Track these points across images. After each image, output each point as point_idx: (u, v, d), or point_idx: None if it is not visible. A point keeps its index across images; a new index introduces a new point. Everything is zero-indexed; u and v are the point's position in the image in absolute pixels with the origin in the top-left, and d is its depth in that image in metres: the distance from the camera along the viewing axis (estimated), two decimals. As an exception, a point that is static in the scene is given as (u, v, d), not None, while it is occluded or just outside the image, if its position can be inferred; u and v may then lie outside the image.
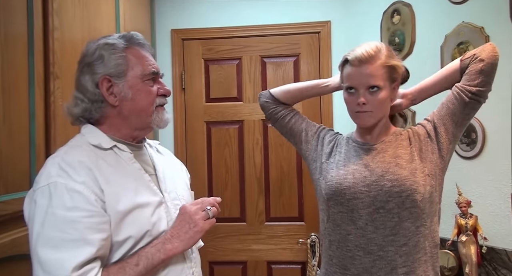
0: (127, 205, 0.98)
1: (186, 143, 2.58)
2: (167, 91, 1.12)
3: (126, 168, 1.05)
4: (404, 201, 1.14)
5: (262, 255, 2.49)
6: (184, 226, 1.01)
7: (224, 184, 2.54)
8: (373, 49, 1.18)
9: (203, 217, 1.02)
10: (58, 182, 0.92)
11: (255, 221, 2.52)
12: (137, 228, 0.98)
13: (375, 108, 1.20)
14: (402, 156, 1.21)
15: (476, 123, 1.76)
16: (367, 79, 1.18)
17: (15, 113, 1.26)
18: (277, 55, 2.56)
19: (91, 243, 0.90)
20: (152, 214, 1.02)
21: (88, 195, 0.93)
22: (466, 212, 1.72)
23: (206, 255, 2.51)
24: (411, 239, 1.15)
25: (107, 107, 1.06)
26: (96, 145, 1.03)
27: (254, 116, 2.55)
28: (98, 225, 0.92)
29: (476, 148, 1.78)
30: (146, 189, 1.05)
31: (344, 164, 1.26)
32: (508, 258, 1.60)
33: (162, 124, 1.11)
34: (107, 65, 1.04)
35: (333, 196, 1.22)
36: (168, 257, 0.99)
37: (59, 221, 0.89)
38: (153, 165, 1.14)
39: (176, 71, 2.59)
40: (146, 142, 1.20)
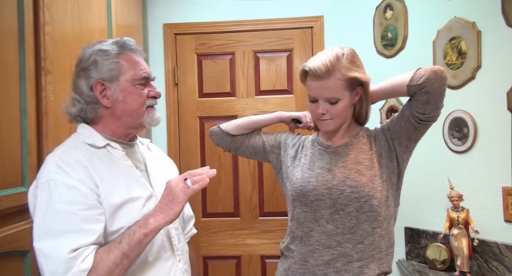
0: (120, 198, 1.06)
1: (179, 138, 2.57)
2: (157, 94, 1.20)
3: (119, 165, 1.13)
4: (362, 206, 1.22)
5: (256, 249, 2.51)
6: (165, 199, 1.05)
7: (218, 179, 2.54)
8: (330, 62, 1.19)
9: (183, 188, 1.04)
10: (57, 179, 1.01)
11: (249, 216, 2.52)
12: (129, 219, 1.06)
13: (335, 116, 1.25)
14: (363, 162, 1.26)
15: (468, 117, 1.78)
16: (325, 92, 1.21)
17: (6, 109, 1.25)
18: (270, 50, 2.56)
19: (88, 232, 0.99)
20: (143, 206, 1.10)
21: (84, 190, 1.02)
22: (458, 206, 1.74)
23: (200, 250, 2.51)
24: (367, 238, 1.24)
25: (101, 108, 1.15)
26: (90, 144, 1.12)
27: (248, 112, 2.54)
28: (94, 216, 1.01)
29: (467, 143, 1.79)
30: (137, 184, 1.14)
31: (309, 167, 1.31)
32: (499, 251, 1.62)
33: (153, 123, 1.19)
34: (100, 70, 1.13)
35: (298, 197, 1.29)
36: (151, 231, 1.02)
37: (59, 214, 0.98)
38: (144, 162, 1.23)
39: (168, 66, 2.57)
40: (138, 140, 1.28)
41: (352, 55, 1.24)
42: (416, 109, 1.19)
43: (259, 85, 2.56)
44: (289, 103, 2.54)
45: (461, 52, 1.81)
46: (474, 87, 1.78)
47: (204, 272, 2.52)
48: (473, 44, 1.76)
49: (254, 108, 2.54)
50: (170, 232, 1.17)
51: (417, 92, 1.17)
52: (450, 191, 1.77)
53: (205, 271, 2.52)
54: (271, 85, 2.55)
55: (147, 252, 1.09)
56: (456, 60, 1.84)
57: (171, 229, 1.17)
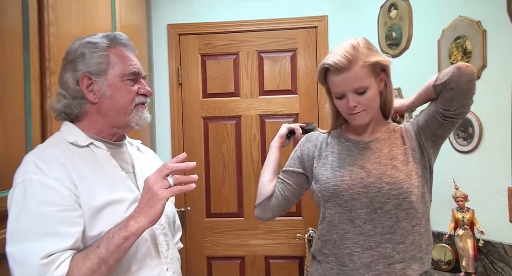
0: (101, 200, 0.99)
1: (183, 138, 2.57)
2: (147, 91, 1.13)
3: (102, 165, 1.06)
4: (401, 203, 1.17)
5: (260, 250, 2.50)
6: (144, 198, 0.96)
7: (222, 179, 2.54)
8: (349, 53, 1.16)
9: (163, 186, 0.95)
10: (33, 178, 0.94)
11: (253, 217, 2.51)
12: (111, 223, 0.97)
13: (367, 107, 1.20)
14: (398, 157, 1.21)
15: (473, 117, 1.76)
16: (352, 83, 1.17)
17: (11, 109, 1.25)
18: (274, 50, 2.55)
19: (65, 236, 0.92)
20: (127, 209, 1.02)
21: (61, 190, 0.94)
22: (463, 206, 1.73)
23: (204, 250, 2.51)
24: (408, 237, 1.18)
25: (86, 104, 1.08)
26: (72, 142, 1.05)
27: (251, 112, 2.54)
28: (71, 218, 0.94)
29: (473, 143, 1.78)
30: (121, 185, 1.06)
31: (339, 164, 1.24)
32: (504, 251, 1.61)
33: (141, 122, 1.12)
34: (87, 63, 1.07)
35: (330, 198, 1.22)
36: (131, 234, 0.93)
37: (33, 215, 0.91)
38: (131, 163, 1.15)
39: (172, 66, 2.58)
40: (127, 140, 1.21)
41: (367, 42, 1.22)
42: (441, 106, 1.17)
43: (263, 85, 2.55)
44: (293, 103, 2.53)
45: (466, 51, 1.80)
46: (479, 87, 1.75)
47: (208, 272, 2.52)
48: (478, 43, 1.74)
49: (258, 108, 2.54)
50: (157, 238, 1.09)
51: (443, 90, 1.16)
52: (455, 191, 1.76)
53: (209, 271, 2.52)
54: (275, 85, 2.55)
55: (130, 260, 1.01)
56: (461, 60, 1.83)
57: (158, 235, 1.09)
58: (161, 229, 1.10)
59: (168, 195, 0.95)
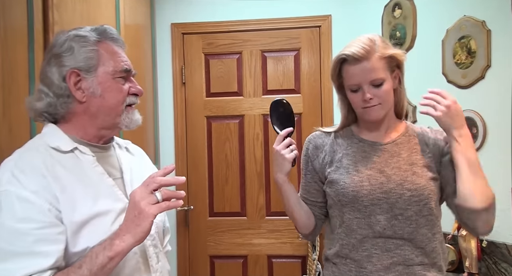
0: (83, 214, 0.91)
1: (187, 138, 2.58)
2: (139, 91, 1.05)
3: (87, 172, 0.97)
4: (421, 209, 1.15)
5: (263, 249, 2.50)
6: (130, 214, 0.88)
7: (225, 179, 2.55)
8: (367, 44, 1.17)
9: (150, 201, 0.87)
10: (9, 190, 0.86)
11: (256, 216, 2.53)
12: (96, 238, 0.90)
13: (383, 100, 1.17)
14: (417, 163, 1.18)
15: (477, 117, 1.76)
16: (369, 74, 1.15)
17: (15, 108, 1.26)
18: (277, 49, 2.55)
19: (43, 255, 0.85)
20: (113, 222, 0.94)
21: (40, 204, 0.86)
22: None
23: (207, 249, 2.52)
24: (428, 245, 1.17)
25: (73, 103, 0.99)
26: (54, 147, 0.96)
27: (255, 111, 2.55)
28: (51, 235, 0.86)
29: (477, 143, 1.77)
30: (107, 195, 0.97)
31: (356, 168, 1.19)
32: (508, 252, 1.60)
33: (131, 124, 1.04)
34: (76, 58, 0.98)
35: (349, 203, 1.18)
36: (117, 254, 0.86)
37: (9, 233, 0.84)
38: (120, 168, 1.07)
39: (176, 66, 2.58)
40: (115, 142, 1.13)
41: (382, 37, 1.22)
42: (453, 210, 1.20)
43: (266, 85, 2.56)
44: (296, 103, 2.53)
45: (471, 51, 1.79)
46: (483, 87, 1.76)
47: (211, 271, 2.52)
48: (482, 43, 1.74)
49: (261, 107, 2.54)
50: (147, 250, 1.01)
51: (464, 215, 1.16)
52: (459, 191, 1.75)
53: (211, 271, 2.53)
54: (278, 85, 2.55)
55: (118, 275, 0.93)
56: (466, 59, 1.82)
57: (148, 247, 1.01)
58: (151, 239, 1.02)
59: (156, 211, 0.87)
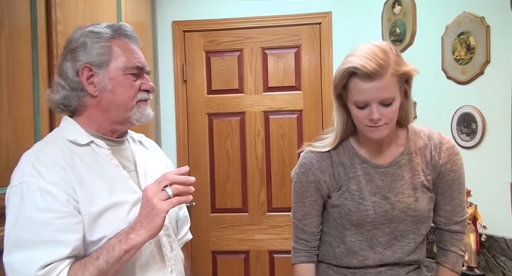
0: (100, 206, 0.95)
1: (188, 135, 2.60)
2: (150, 87, 1.07)
3: (103, 165, 1.01)
4: (419, 228, 1.18)
5: (264, 244, 2.53)
6: (144, 211, 0.93)
7: (226, 175, 2.57)
8: (381, 58, 1.04)
9: (162, 197, 0.92)
10: (31, 182, 0.90)
11: (257, 212, 2.55)
12: (112, 228, 0.95)
13: (390, 120, 1.09)
14: (419, 186, 1.17)
15: (476, 113, 1.77)
16: (380, 93, 1.05)
17: (20, 105, 1.28)
18: (278, 46, 2.56)
19: (63, 244, 0.89)
20: (128, 212, 0.99)
21: (60, 196, 0.91)
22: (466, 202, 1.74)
23: (209, 245, 2.55)
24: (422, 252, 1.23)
25: (86, 97, 1.03)
26: (72, 140, 1.00)
27: (256, 108, 2.56)
28: (70, 225, 0.90)
29: (476, 138, 1.79)
30: (122, 187, 1.02)
31: (361, 196, 1.16)
32: (507, 246, 1.62)
33: (142, 119, 1.07)
34: (89, 53, 1.01)
35: (352, 227, 1.18)
36: (132, 247, 0.91)
37: (31, 223, 0.88)
38: (133, 161, 1.11)
39: (177, 63, 2.60)
40: (129, 135, 1.16)
41: (395, 49, 1.10)
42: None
43: (267, 82, 2.57)
44: (297, 100, 2.55)
45: (470, 47, 1.81)
46: (482, 82, 1.77)
47: (213, 266, 2.55)
48: (482, 39, 1.75)
49: (262, 104, 2.56)
50: (161, 240, 1.06)
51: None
52: (458, 186, 1.77)
53: (214, 266, 2.55)
54: (279, 82, 2.56)
55: (134, 264, 0.98)
56: (465, 55, 1.83)
57: (162, 237, 1.06)
58: (164, 230, 1.07)
59: (168, 207, 0.92)
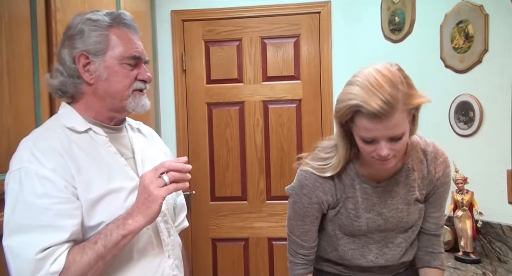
0: (98, 192, 0.96)
1: (188, 124, 2.61)
2: (147, 78, 1.06)
3: (101, 152, 1.02)
4: (410, 235, 1.20)
5: (263, 232, 2.56)
6: (141, 197, 0.95)
7: (226, 164, 2.58)
8: (389, 94, 0.93)
9: (158, 184, 0.93)
10: (29, 168, 0.91)
11: (256, 200, 2.57)
12: (110, 214, 0.96)
13: (399, 152, 1.04)
14: (412, 201, 1.16)
15: (474, 101, 1.78)
16: (389, 131, 0.98)
17: (20, 93, 1.29)
18: (277, 36, 2.56)
19: (61, 229, 0.90)
20: (126, 199, 1.00)
21: (58, 182, 0.92)
22: (463, 188, 1.76)
23: (209, 233, 2.58)
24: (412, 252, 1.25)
25: (82, 84, 1.03)
26: (70, 127, 1.01)
27: (255, 97, 2.57)
28: (68, 211, 0.92)
29: (473, 126, 1.80)
30: (120, 174, 1.03)
31: (357, 214, 1.15)
32: (502, 232, 1.65)
33: (138, 109, 1.06)
34: (86, 41, 1.01)
35: (344, 236, 1.19)
36: (129, 232, 0.93)
37: (29, 208, 0.90)
38: (131, 148, 1.12)
39: (176, 53, 2.60)
40: (127, 123, 1.17)
41: (404, 75, 1.00)
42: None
43: (266, 71, 2.57)
44: (296, 89, 2.55)
45: (468, 35, 1.81)
46: (480, 71, 1.78)
47: (213, 253, 2.58)
48: (480, 27, 1.75)
49: (261, 94, 2.57)
50: (159, 226, 1.07)
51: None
52: (455, 174, 1.79)
53: (213, 253, 2.58)
54: (278, 71, 2.57)
55: (132, 249, 1.00)
56: (463, 44, 1.84)
57: (160, 223, 1.07)
58: (162, 216, 1.08)
59: (165, 194, 0.93)
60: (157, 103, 2.57)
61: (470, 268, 1.60)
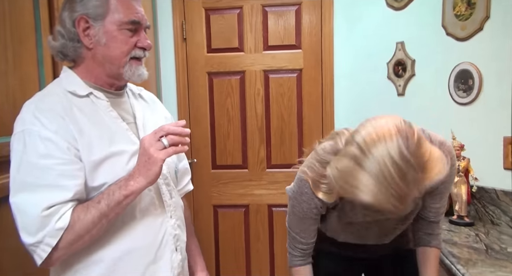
0: (100, 154, 0.98)
1: (189, 93, 2.62)
2: (147, 45, 1.06)
3: (102, 117, 1.03)
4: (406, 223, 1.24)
5: (263, 199, 2.62)
6: (141, 160, 0.97)
7: (227, 133, 2.61)
8: (406, 193, 0.84)
9: (158, 147, 0.95)
10: (32, 130, 0.93)
11: (257, 168, 2.62)
12: (112, 176, 0.99)
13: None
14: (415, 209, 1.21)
15: (474, 69, 1.80)
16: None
17: (25, 59, 1.30)
18: (278, 3, 2.54)
19: (65, 189, 0.93)
20: (128, 162, 1.02)
21: (60, 143, 0.94)
22: (459, 155, 1.80)
23: (211, 200, 2.64)
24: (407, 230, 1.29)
25: (82, 48, 1.03)
26: (71, 91, 1.02)
27: (256, 67, 2.57)
28: (72, 172, 0.94)
29: (472, 95, 1.82)
30: (121, 138, 1.04)
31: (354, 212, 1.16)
32: (496, 196, 1.70)
33: (134, 78, 1.07)
34: (86, 5, 1.01)
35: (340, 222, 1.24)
36: (131, 193, 0.96)
37: (34, 168, 0.92)
38: (133, 113, 1.13)
39: (177, 21, 2.58)
40: (128, 88, 1.17)
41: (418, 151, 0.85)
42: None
43: (267, 40, 2.56)
44: (297, 59, 2.55)
45: (470, 2, 1.80)
46: (481, 39, 1.79)
47: (215, 219, 2.65)
48: (483, -6, 1.74)
49: (262, 63, 2.57)
50: (160, 188, 1.10)
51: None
52: (452, 141, 1.82)
53: (215, 219, 2.65)
54: (279, 40, 2.56)
55: (134, 208, 1.03)
56: (465, 11, 1.83)
57: (161, 185, 1.10)
58: (163, 179, 1.11)
59: (164, 156, 0.95)
60: (157, 72, 2.57)
61: (463, 230, 1.65)
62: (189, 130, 0.99)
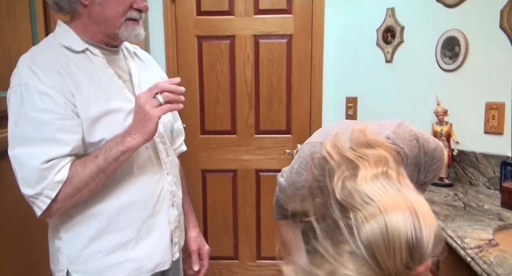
0: (97, 111, 0.99)
1: (178, 57, 2.60)
2: (143, 7, 1.05)
3: (98, 73, 1.03)
4: None
5: (251, 164, 2.67)
6: (137, 117, 0.97)
7: (216, 99, 2.62)
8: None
9: (153, 104, 0.96)
10: (29, 84, 0.93)
11: (246, 134, 2.66)
12: (110, 132, 1.00)
13: None
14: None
15: (461, 36, 1.84)
16: None
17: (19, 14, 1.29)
18: (269, -33, 2.50)
19: (63, 143, 0.94)
20: (124, 119, 1.03)
21: (57, 98, 0.94)
22: (443, 120, 1.87)
23: (198, 164, 2.68)
24: None
25: (77, 3, 1.02)
26: (67, 46, 1.02)
27: (246, 31, 2.55)
28: (69, 127, 0.95)
29: (457, 61, 1.88)
30: (118, 95, 1.05)
31: None
32: (476, 159, 1.79)
33: (131, 38, 1.06)
34: None
35: None
36: (128, 149, 0.97)
37: (31, 122, 0.93)
38: (128, 71, 1.13)
39: (165, -18, 2.52)
40: (124, 46, 1.17)
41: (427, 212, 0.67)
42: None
43: (258, 3, 2.53)
44: (288, 24, 2.54)
45: (461, -31, 1.82)
46: (470, 5, 1.82)
47: (203, 183, 2.70)
48: (473, -39, 1.76)
49: (252, 28, 2.55)
50: (157, 146, 1.12)
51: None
52: (437, 107, 1.89)
53: (203, 183, 2.70)
54: (270, 4, 2.53)
55: (132, 164, 1.05)
56: (456, -22, 1.85)
57: (158, 143, 1.12)
58: (160, 137, 1.13)
59: (160, 113, 0.96)
60: (147, 35, 2.52)
61: (443, 190, 1.74)
62: (183, 88, 0.99)
